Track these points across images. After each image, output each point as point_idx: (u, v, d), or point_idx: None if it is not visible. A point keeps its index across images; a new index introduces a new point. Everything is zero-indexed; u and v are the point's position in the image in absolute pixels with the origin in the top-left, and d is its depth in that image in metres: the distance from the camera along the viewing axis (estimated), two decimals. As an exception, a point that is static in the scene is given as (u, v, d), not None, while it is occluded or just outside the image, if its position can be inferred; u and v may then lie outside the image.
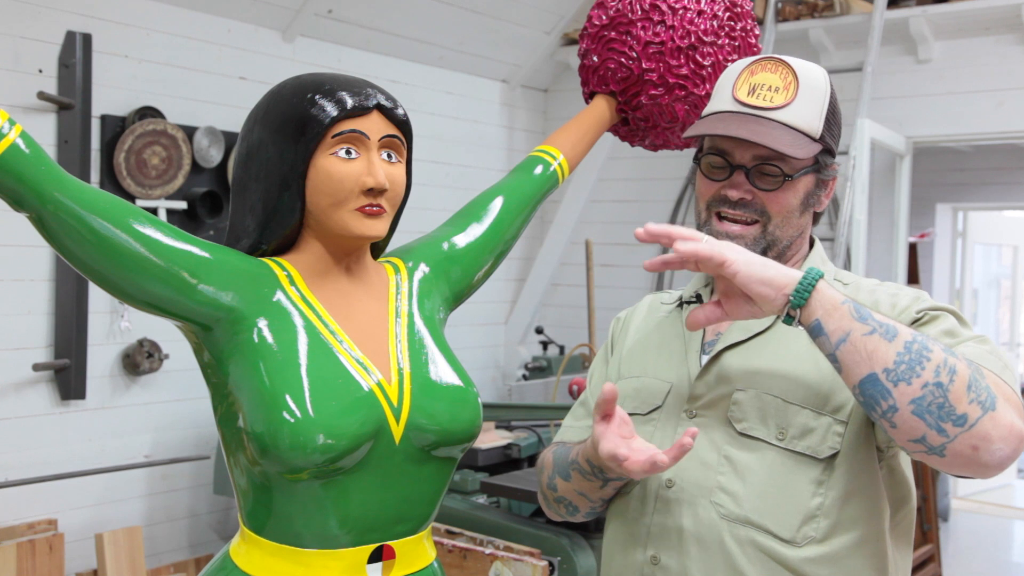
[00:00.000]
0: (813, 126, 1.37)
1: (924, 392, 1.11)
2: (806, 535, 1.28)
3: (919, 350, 1.13)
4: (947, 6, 4.19)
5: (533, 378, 4.86)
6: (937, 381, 1.11)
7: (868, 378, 1.14)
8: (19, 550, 3.27)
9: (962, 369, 1.12)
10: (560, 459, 1.48)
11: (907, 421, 1.13)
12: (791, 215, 1.38)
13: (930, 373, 1.12)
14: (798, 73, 1.38)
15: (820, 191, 1.43)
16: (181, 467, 3.86)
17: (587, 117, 1.85)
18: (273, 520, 1.32)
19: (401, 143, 1.39)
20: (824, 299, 1.17)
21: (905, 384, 1.12)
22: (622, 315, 1.62)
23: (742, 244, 1.36)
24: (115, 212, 1.26)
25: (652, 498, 1.37)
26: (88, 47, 3.46)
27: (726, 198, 1.38)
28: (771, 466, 1.30)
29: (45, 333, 3.48)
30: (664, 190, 5.04)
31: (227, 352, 1.31)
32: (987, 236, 7.65)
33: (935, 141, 4.53)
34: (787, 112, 1.36)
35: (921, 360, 1.12)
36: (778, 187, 1.36)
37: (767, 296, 1.18)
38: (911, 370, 1.12)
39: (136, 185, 3.58)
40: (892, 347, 1.13)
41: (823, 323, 1.16)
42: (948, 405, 1.11)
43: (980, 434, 1.11)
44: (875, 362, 1.13)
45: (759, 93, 1.37)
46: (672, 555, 1.33)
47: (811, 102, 1.38)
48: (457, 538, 2.75)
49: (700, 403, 1.37)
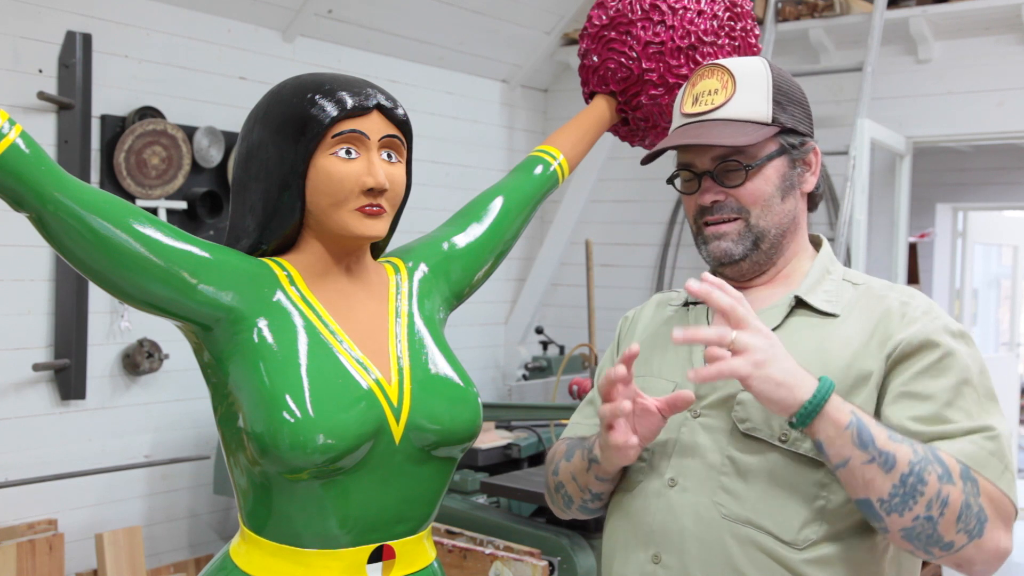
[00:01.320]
0: (760, 112, 1.39)
1: (914, 524, 1.19)
2: (807, 537, 1.28)
3: (913, 484, 1.18)
4: (947, 6, 4.19)
5: (533, 378, 4.86)
6: (928, 515, 1.18)
7: (863, 501, 1.21)
8: (19, 550, 3.27)
9: (955, 499, 1.18)
10: (573, 444, 1.51)
11: (897, 541, 1.23)
12: (770, 202, 1.40)
13: (922, 507, 1.18)
14: (733, 70, 1.41)
15: (799, 170, 1.43)
16: (181, 467, 3.86)
17: (587, 117, 1.85)
18: (273, 520, 1.32)
19: (401, 143, 1.39)
20: (828, 424, 1.20)
21: (897, 515, 1.19)
22: (630, 314, 1.63)
23: (729, 241, 1.40)
24: (115, 212, 1.26)
25: (654, 496, 1.37)
26: (88, 47, 3.46)
27: (704, 206, 1.41)
28: (773, 467, 1.30)
29: (45, 333, 3.48)
30: (664, 190, 4.99)
31: (227, 352, 1.31)
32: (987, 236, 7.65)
33: (935, 141, 4.53)
34: (728, 108, 1.39)
35: (915, 495, 1.18)
36: (743, 179, 1.38)
37: (775, 411, 1.22)
38: (904, 504, 1.18)
39: (136, 185, 3.58)
40: (888, 479, 1.18)
41: (825, 446, 1.21)
42: (936, 535, 1.19)
43: (965, 557, 1.21)
44: (871, 491, 1.20)
45: (701, 100, 1.42)
46: (673, 554, 1.33)
47: (751, 90, 1.40)
48: (457, 538, 2.75)
49: (705, 403, 1.37)
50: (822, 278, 1.41)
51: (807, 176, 1.44)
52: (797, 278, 1.43)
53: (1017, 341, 8.87)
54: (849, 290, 1.40)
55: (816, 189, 1.46)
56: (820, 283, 1.41)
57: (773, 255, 1.42)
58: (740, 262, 1.41)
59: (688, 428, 1.37)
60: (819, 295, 1.39)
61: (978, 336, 8.11)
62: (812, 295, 1.38)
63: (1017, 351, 8.66)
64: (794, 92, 1.44)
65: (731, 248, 1.40)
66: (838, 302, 1.38)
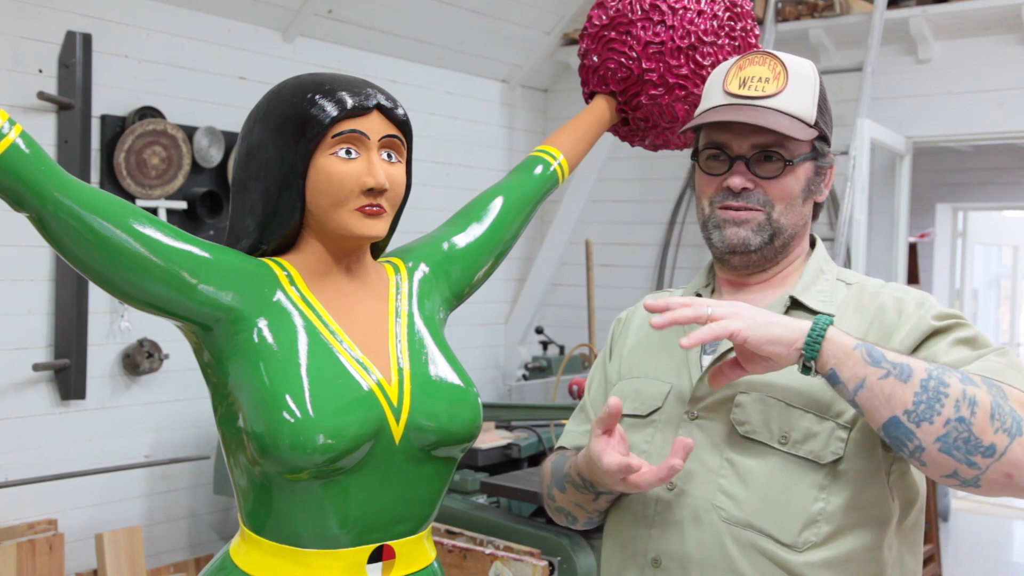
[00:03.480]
0: (807, 112, 1.38)
1: (948, 429, 1.12)
2: (807, 540, 1.27)
3: (936, 387, 1.14)
4: (947, 6, 4.19)
5: (533, 378, 4.86)
6: (959, 416, 1.12)
7: (890, 421, 1.15)
8: (19, 550, 3.27)
9: (983, 398, 1.13)
10: (557, 470, 1.49)
11: (936, 459, 1.14)
12: (794, 202, 1.39)
13: (950, 409, 1.12)
14: (786, 63, 1.40)
15: (819, 179, 1.43)
16: (181, 467, 3.86)
17: (587, 117, 1.85)
18: (273, 520, 1.32)
19: (401, 143, 1.39)
20: (836, 347, 1.18)
21: (928, 424, 1.13)
22: (623, 316, 1.62)
23: (749, 230, 1.37)
24: (115, 212, 1.26)
25: (653, 501, 1.37)
26: (88, 47, 3.46)
27: (729, 190, 1.38)
28: (773, 470, 1.29)
29: (45, 333, 3.48)
30: (664, 190, 5.04)
31: (227, 352, 1.31)
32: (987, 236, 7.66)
33: (935, 141, 4.53)
34: (780, 99, 1.37)
35: (940, 397, 1.13)
36: (779, 173, 1.37)
37: (780, 354, 1.19)
38: (931, 409, 1.13)
39: (136, 185, 3.58)
40: (908, 388, 1.14)
41: (838, 372, 1.18)
42: (974, 438, 1.11)
43: (1012, 461, 1.11)
44: (894, 405, 1.15)
45: (750, 85, 1.39)
46: (673, 558, 1.33)
47: (802, 89, 1.39)
48: (457, 538, 2.75)
49: (702, 405, 1.37)
50: (816, 278, 1.41)
51: (822, 187, 1.44)
52: (793, 280, 1.43)
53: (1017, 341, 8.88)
54: (843, 290, 1.40)
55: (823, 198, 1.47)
56: (814, 283, 1.40)
57: (780, 254, 1.42)
58: (751, 253, 1.39)
59: (685, 431, 1.36)
60: (813, 295, 1.39)
61: (978, 336, 8.10)
62: (806, 295, 1.38)
63: (1017, 351, 8.66)
64: (828, 104, 1.44)
65: (749, 238, 1.38)
66: (832, 302, 1.38)
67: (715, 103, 1.41)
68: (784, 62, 1.40)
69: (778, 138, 1.36)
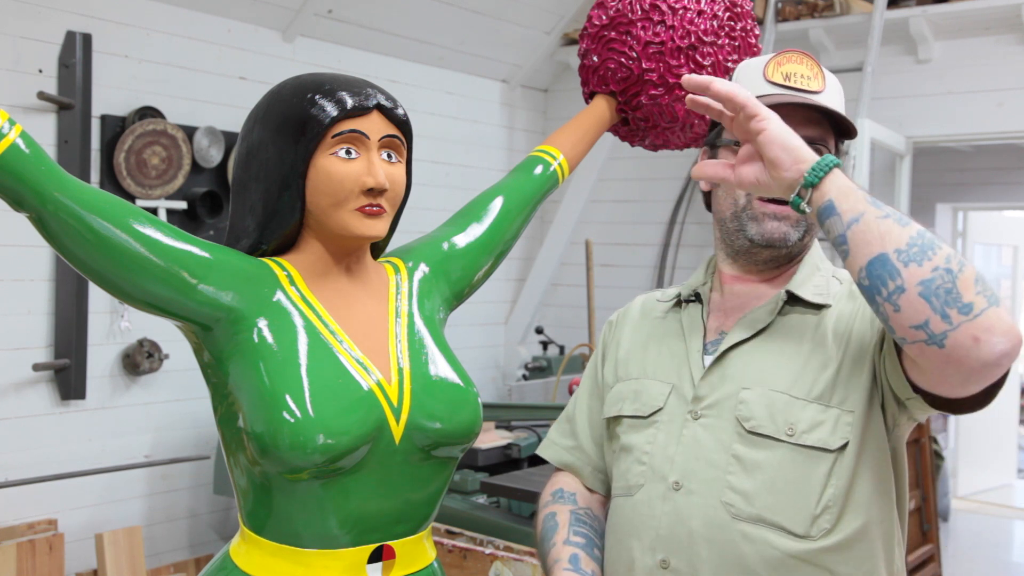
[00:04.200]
0: (843, 111, 1.41)
1: (934, 275, 1.10)
2: (821, 528, 1.28)
3: (931, 239, 1.13)
4: (947, 6, 4.19)
5: (533, 378, 4.86)
6: (948, 267, 1.11)
7: (878, 257, 1.13)
8: (19, 550, 3.27)
9: (969, 266, 1.12)
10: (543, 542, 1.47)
11: (912, 303, 1.11)
12: None
13: (941, 259, 1.11)
14: (820, 65, 1.42)
15: None
16: (181, 467, 3.86)
17: (587, 117, 1.85)
18: (273, 520, 1.32)
19: (401, 143, 1.39)
20: (839, 182, 1.17)
21: (916, 265, 1.11)
22: (613, 318, 1.61)
23: (789, 224, 1.37)
24: (115, 212, 1.26)
25: (659, 500, 1.36)
26: (88, 47, 3.46)
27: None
28: (782, 462, 1.29)
29: (45, 333, 3.48)
30: (664, 190, 5.04)
31: (227, 352, 1.31)
32: (987, 236, 7.64)
33: (935, 141, 4.54)
34: (824, 96, 1.39)
35: (933, 246, 1.12)
36: None
37: (782, 163, 1.18)
38: (923, 253, 1.12)
39: (136, 185, 3.58)
40: (905, 231, 1.13)
41: (836, 203, 1.16)
42: (956, 291, 1.10)
43: (984, 325, 1.09)
44: (887, 242, 1.13)
45: (794, 79, 1.39)
46: (682, 558, 1.32)
47: (837, 91, 1.42)
48: (457, 538, 2.75)
49: (704, 403, 1.36)
50: (812, 274, 1.42)
51: None
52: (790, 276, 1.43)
53: (1017, 341, 8.86)
54: (836, 285, 1.41)
55: None
56: (810, 278, 1.41)
57: (802, 251, 1.43)
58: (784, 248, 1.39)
59: (689, 430, 1.36)
60: (809, 288, 1.39)
61: (978, 336, 8.10)
62: (802, 289, 1.39)
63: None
64: None
65: (790, 232, 1.38)
66: (827, 294, 1.39)
67: (762, 92, 1.38)
68: (819, 63, 1.42)
69: (822, 133, 1.37)
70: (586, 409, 1.57)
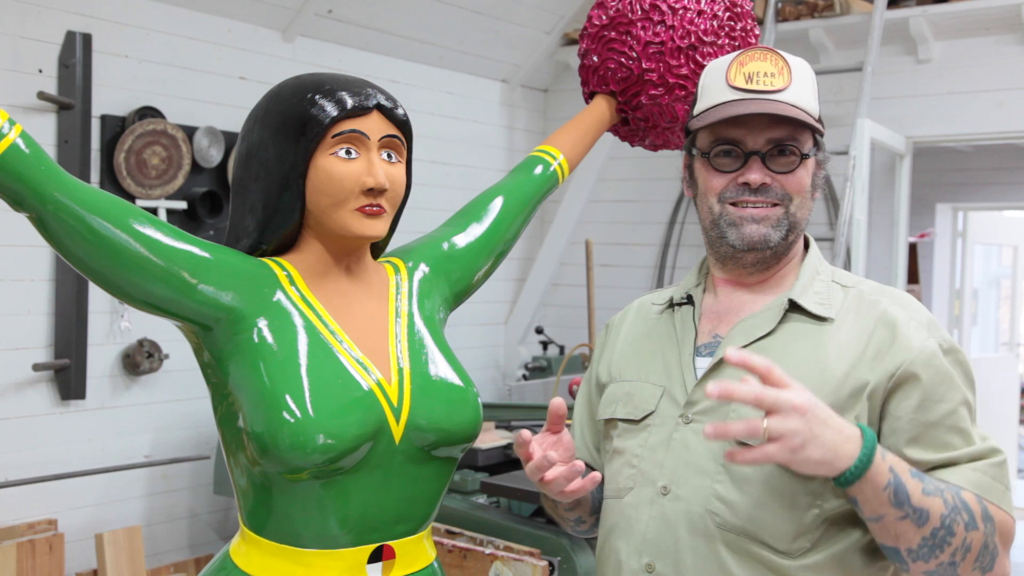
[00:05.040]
0: (812, 107, 1.38)
1: (937, 568, 1.23)
2: (801, 547, 1.27)
3: (943, 536, 1.21)
4: (947, 6, 4.19)
5: (533, 378, 4.86)
6: (951, 561, 1.22)
7: (890, 548, 1.24)
8: (19, 550, 3.27)
9: (976, 543, 1.22)
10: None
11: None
12: (807, 195, 1.39)
13: (947, 556, 1.22)
14: (789, 62, 1.39)
15: (818, 177, 1.42)
16: (181, 467, 3.86)
17: (587, 117, 1.85)
18: (273, 520, 1.32)
19: (401, 143, 1.39)
20: (867, 486, 1.19)
21: (923, 563, 1.23)
22: (613, 321, 1.60)
23: (769, 226, 1.35)
24: (115, 212, 1.26)
25: (647, 504, 1.35)
26: (88, 47, 3.46)
27: (745, 185, 1.35)
28: (769, 477, 1.28)
29: (45, 333, 3.48)
30: (664, 190, 5.03)
31: (227, 352, 1.31)
32: (987, 236, 7.65)
33: (935, 141, 4.53)
34: (789, 94, 1.36)
35: (943, 545, 1.21)
36: (795, 167, 1.36)
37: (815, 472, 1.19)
38: (931, 553, 1.22)
39: (136, 185, 3.58)
40: (919, 533, 1.21)
41: (860, 503, 1.21)
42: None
43: None
44: (900, 542, 1.22)
45: (756, 79, 1.36)
46: (667, 563, 1.32)
47: (805, 84, 1.39)
48: (457, 538, 2.75)
49: (696, 409, 1.35)
50: (812, 279, 1.39)
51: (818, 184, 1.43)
52: (787, 281, 1.41)
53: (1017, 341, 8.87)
54: (839, 293, 1.38)
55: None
56: (811, 284, 1.38)
57: (788, 250, 1.41)
58: (768, 250, 1.37)
59: (680, 434, 1.35)
60: (811, 297, 1.36)
61: (978, 336, 8.12)
62: (804, 297, 1.36)
63: (1017, 351, 8.66)
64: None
65: (770, 234, 1.36)
66: (830, 305, 1.36)
67: (722, 99, 1.37)
68: (784, 57, 1.39)
69: (791, 132, 1.35)
70: (583, 414, 1.58)
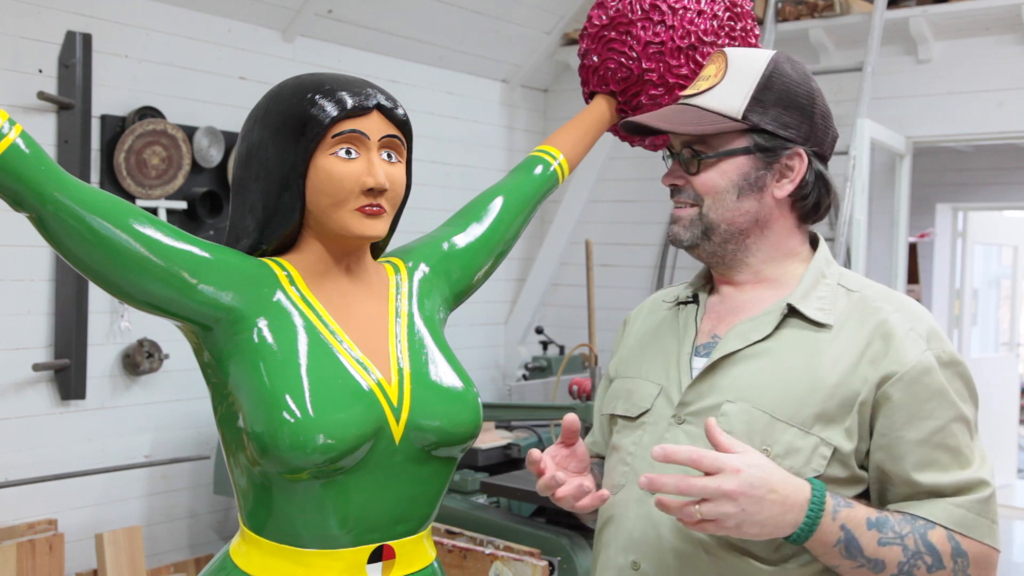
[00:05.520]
0: (731, 106, 1.35)
1: None
2: (783, 555, 1.27)
3: None
4: (947, 6, 4.19)
5: (533, 378, 4.86)
6: None
7: None
8: (19, 550, 3.27)
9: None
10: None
11: None
12: (721, 197, 1.36)
13: None
14: (730, 59, 1.39)
15: (771, 174, 1.36)
16: (181, 467, 3.86)
17: (587, 117, 1.85)
18: (273, 520, 1.32)
19: (401, 143, 1.39)
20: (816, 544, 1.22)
21: None
22: (629, 316, 1.61)
23: (681, 226, 1.41)
24: (115, 212, 1.26)
25: (635, 503, 1.36)
26: (88, 47, 3.46)
27: (672, 186, 1.43)
28: None
29: (45, 333, 3.48)
30: (664, 190, 4.98)
31: (227, 352, 1.31)
32: (987, 236, 7.65)
33: (935, 141, 4.53)
34: (705, 96, 1.38)
35: None
36: (697, 168, 1.38)
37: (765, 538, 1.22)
38: None
39: (136, 185, 3.58)
40: None
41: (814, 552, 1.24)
42: None
43: None
44: None
45: (697, 83, 1.42)
46: (652, 563, 1.33)
47: (734, 83, 1.37)
48: (457, 538, 2.75)
49: (689, 410, 1.35)
50: (817, 282, 1.36)
51: (783, 183, 1.37)
52: (791, 283, 1.38)
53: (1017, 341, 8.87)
54: (843, 298, 1.35)
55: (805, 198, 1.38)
56: (814, 288, 1.36)
57: (735, 252, 1.39)
58: (691, 249, 1.41)
59: (672, 435, 1.35)
60: (812, 302, 1.34)
61: (978, 336, 8.12)
62: (805, 302, 1.33)
63: (1017, 351, 8.66)
64: (793, 96, 1.37)
65: (680, 233, 1.41)
66: (832, 311, 1.33)
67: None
68: (728, 58, 1.39)
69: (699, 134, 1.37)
70: (599, 407, 1.59)
